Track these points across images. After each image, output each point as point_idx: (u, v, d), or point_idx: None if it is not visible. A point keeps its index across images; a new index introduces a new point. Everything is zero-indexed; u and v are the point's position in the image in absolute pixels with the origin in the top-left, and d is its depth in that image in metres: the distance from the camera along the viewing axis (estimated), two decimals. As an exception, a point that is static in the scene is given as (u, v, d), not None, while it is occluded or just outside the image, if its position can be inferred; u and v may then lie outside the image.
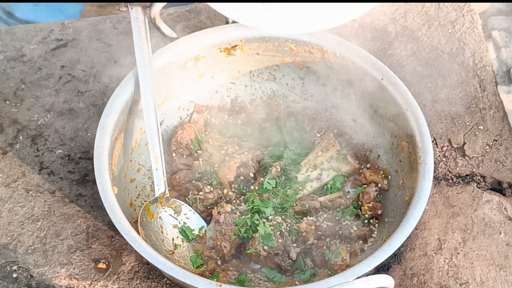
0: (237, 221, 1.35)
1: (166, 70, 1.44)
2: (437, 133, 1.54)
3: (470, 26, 1.71)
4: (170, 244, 1.36)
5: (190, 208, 1.40)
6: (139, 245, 1.20)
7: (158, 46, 1.45)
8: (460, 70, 1.65)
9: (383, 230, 1.37)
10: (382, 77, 1.41)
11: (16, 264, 1.35)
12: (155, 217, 1.36)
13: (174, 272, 1.18)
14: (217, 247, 1.35)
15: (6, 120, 1.54)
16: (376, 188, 1.42)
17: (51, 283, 1.32)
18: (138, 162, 1.45)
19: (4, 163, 1.48)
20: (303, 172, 1.45)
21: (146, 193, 1.45)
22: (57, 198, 1.43)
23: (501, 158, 1.51)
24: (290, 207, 1.40)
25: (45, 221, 1.40)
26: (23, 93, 1.59)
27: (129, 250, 1.37)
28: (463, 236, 1.39)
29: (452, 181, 1.48)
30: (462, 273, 1.35)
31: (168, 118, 1.52)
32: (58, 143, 1.52)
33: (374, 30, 1.71)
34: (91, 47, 1.67)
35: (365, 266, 1.18)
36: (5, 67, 1.63)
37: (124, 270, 1.35)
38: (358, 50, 1.44)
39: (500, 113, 1.57)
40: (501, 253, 1.37)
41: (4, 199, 1.43)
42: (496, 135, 1.54)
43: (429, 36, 1.70)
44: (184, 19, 1.74)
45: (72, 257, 1.36)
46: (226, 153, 1.47)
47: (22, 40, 1.68)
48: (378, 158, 1.48)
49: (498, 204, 1.44)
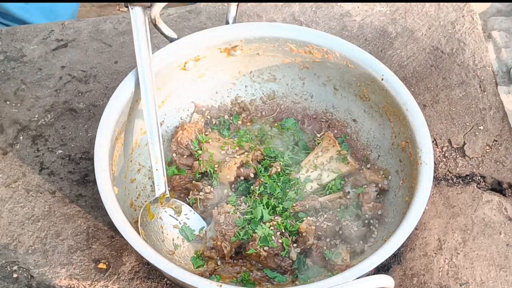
0: (237, 222, 1.35)
1: (166, 70, 1.44)
2: (437, 133, 1.54)
3: (470, 27, 1.71)
4: (171, 244, 1.36)
5: (190, 208, 1.40)
6: (140, 245, 1.20)
7: (158, 47, 1.45)
8: (460, 70, 1.65)
9: (383, 230, 1.37)
10: (382, 77, 1.41)
11: (17, 264, 1.35)
12: (155, 217, 1.36)
13: (174, 272, 1.18)
14: (218, 248, 1.35)
15: (7, 120, 1.55)
16: (376, 189, 1.42)
17: (51, 283, 1.32)
18: (138, 162, 1.45)
19: (4, 163, 1.48)
20: (303, 173, 1.45)
21: (146, 193, 1.45)
22: (57, 198, 1.43)
23: (501, 158, 1.51)
24: (290, 207, 1.40)
25: (46, 221, 1.40)
26: (24, 93, 1.59)
27: (130, 250, 1.37)
28: (463, 236, 1.40)
29: (452, 181, 1.48)
30: (462, 273, 1.35)
31: (168, 118, 1.52)
32: (59, 143, 1.52)
33: (374, 31, 1.71)
34: (91, 47, 1.67)
35: (365, 267, 1.18)
36: (5, 67, 1.63)
37: (125, 270, 1.35)
38: (358, 50, 1.44)
39: (500, 113, 1.57)
40: (501, 253, 1.38)
41: (4, 200, 1.43)
42: (496, 135, 1.54)
43: (429, 37, 1.70)
44: (184, 20, 1.74)
45: (72, 257, 1.36)
46: (226, 153, 1.47)
47: (23, 40, 1.68)
48: (378, 159, 1.48)
49: (498, 204, 1.44)
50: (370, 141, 1.50)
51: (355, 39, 1.70)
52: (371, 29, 1.72)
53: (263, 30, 1.47)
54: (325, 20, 1.74)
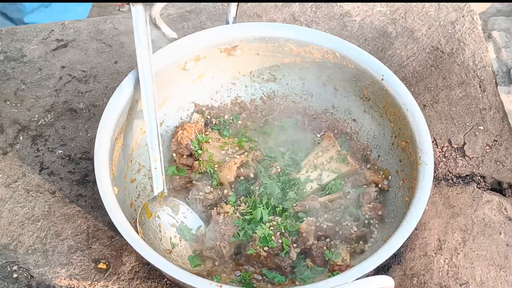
0: (236, 222, 1.35)
1: (166, 70, 1.44)
2: (437, 133, 1.54)
3: (470, 27, 1.71)
4: (168, 243, 1.36)
5: (188, 207, 1.40)
6: (140, 245, 1.20)
7: (159, 47, 1.45)
8: (460, 70, 1.65)
9: (383, 230, 1.37)
10: (382, 77, 1.41)
11: (17, 265, 1.35)
12: (153, 216, 1.36)
13: (174, 272, 1.18)
14: (217, 247, 1.35)
15: (7, 120, 1.54)
16: (376, 189, 1.42)
17: (51, 284, 1.32)
18: (138, 162, 1.45)
19: (5, 163, 1.48)
20: (303, 173, 1.45)
21: (146, 193, 1.45)
22: (57, 198, 1.43)
23: (501, 158, 1.51)
24: (290, 207, 1.40)
25: (46, 222, 1.40)
26: (24, 93, 1.59)
27: (129, 250, 1.37)
28: (463, 237, 1.39)
29: (452, 182, 1.48)
30: (462, 273, 1.35)
31: (168, 118, 1.52)
32: (59, 143, 1.52)
33: (374, 31, 1.71)
34: (91, 47, 1.67)
35: (365, 267, 1.18)
36: (6, 67, 1.63)
37: (124, 270, 1.35)
38: (358, 50, 1.44)
39: (500, 113, 1.57)
40: (501, 253, 1.37)
41: (4, 200, 1.43)
42: (496, 135, 1.54)
43: (429, 37, 1.70)
44: (184, 20, 1.74)
45: (72, 257, 1.36)
46: (226, 153, 1.47)
47: (23, 40, 1.68)
48: (378, 159, 1.48)
49: (498, 204, 1.44)
50: (370, 141, 1.50)
51: (355, 39, 1.70)
52: (371, 29, 1.72)
53: (263, 30, 1.47)
54: (325, 20, 1.74)
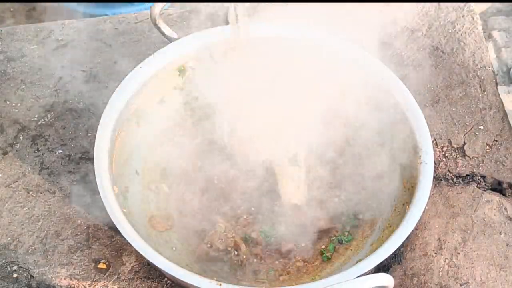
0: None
1: (166, 70, 1.44)
2: (437, 133, 1.54)
3: (470, 27, 1.71)
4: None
5: None
6: (140, 245, 1.20)
7: (159, 47, 1.45)
8: (460, 70, 1.65)
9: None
10: (382, 78, 1.41)
11: (17, 264, 1.35)
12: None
13: (174, 271, 1.18)
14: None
15: (6, 120, 1.54)
16: (376, 188, 1.42)
17: (52, 283, 1.32)
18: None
19: (4, 163, 1.48)
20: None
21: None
22: (57, 198, 1.43)
23: (501, 158, 1.51)
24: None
25: (46, 221, 1.40)
26: (23, 93, 1.59)
27: (129, 250, 1.37)
28: (463, 236, 1.39)
29: (452, 181, 1.48)
30: (462, 273, 1.35)
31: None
32: (58, 143, 1.52)
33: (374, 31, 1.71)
34: (91, 47, 1.67)
35: (366, 265, 1.18)
36: (5, 67, 1.63)
37: (125, 270, 1.35)
38: (358, 50, 1.44)
39: (500, 113, 1.57)
40: (501, 253, 1.37)
41: (4, 199, 1.43)
42: (496, 135, 1.54)
43: (429, 36, 1.70)
44: (184, 20, 1.74)
45: (72, 257, 1.36)
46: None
47: (23, 40, 1.68)
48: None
49: (498, 204, 1.44)
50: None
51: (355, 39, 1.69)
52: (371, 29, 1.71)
53: (263, 30, 1.47)
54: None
